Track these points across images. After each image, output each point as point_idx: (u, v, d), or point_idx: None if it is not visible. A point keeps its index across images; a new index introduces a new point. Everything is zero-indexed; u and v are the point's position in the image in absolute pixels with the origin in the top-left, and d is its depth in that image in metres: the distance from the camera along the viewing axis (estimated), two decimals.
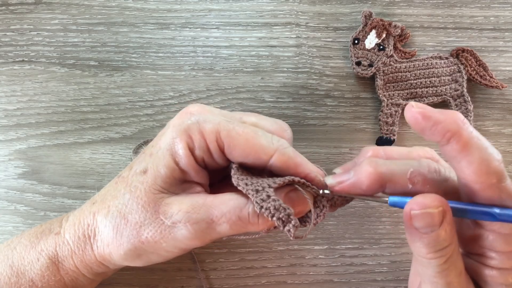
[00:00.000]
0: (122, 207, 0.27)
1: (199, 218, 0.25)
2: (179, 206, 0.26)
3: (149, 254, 0.27)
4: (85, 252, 0.28)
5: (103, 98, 0.40)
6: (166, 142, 0.27)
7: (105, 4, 0.41)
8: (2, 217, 0.39)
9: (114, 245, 0.27)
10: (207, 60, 0.41)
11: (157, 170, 0.26)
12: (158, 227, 0.26)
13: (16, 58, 0.40)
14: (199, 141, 0.26)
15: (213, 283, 0.38)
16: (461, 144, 0.22)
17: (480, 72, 0.40)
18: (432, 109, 0.23)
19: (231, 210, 0.25)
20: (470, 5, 0.42)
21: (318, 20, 0.42)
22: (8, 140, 0.39)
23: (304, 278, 0.39)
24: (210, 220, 0.25)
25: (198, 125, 0.26)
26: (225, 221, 0.25)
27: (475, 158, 0.22)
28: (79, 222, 0.28)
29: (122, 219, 0.26)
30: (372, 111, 0.41)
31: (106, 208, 0.27)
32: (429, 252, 0.23)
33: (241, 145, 0.26)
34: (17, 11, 0.41)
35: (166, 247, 0.26)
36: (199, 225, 0.25)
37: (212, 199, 0.26)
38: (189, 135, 0.26)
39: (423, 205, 0.23)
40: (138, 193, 0.26)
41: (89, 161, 0.39)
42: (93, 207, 0.28)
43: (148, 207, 0.26)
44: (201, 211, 0.26)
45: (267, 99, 0.40)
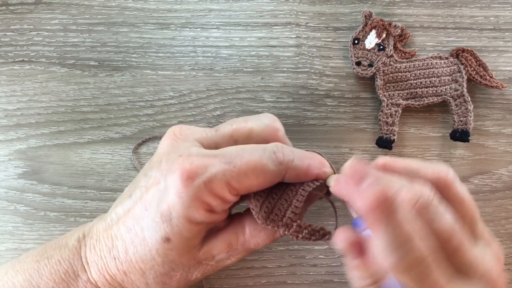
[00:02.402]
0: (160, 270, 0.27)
1: (239, 251, 0.28)
2: (218, 249, 0.28)
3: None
4: None
5: (103, 98, 0.40)
6: (177, 211, 0.25)
7: (105, 4, 0.41)
8: (2, 217, 0.39)
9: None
10: (207, 60, 0.41)
11: (181, 236, 0.26)
12: (205, 268, 0.29)
13: (16, 58, 0.40)
14: (215, 202, 0.26)
15: (213, 283, 0.38)
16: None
17: (480, 72, 0.40)
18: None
19: (265, 239, 0.28)
20: (470, 5, 0.42)
21: (318, 20, 0.42)
22: (8, 140, 0.39)
23: (304, 278, 0.39)
24: (249, 250, 0.29)
25: (207, 188, 0.25)
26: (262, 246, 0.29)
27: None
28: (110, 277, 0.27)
29: (166, 277, 0.27)
30: (372, 111, 0.41)
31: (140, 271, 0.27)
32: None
33: (253, 184, 0.26)
34: (17, 11, 0.41)
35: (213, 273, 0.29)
36: (242, 255, 0.29)
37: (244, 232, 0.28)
38: (203, 201, 0.25)
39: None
40: (172, 258, 0.26)
41: (89, 161, 0.39)
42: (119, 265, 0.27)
43: (188, 263, 0.27)
44: (239, 247, 0.28)
45: (267, 99, 0.40)
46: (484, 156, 0.40)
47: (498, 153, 0.40)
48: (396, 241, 0.21)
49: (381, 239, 0.21)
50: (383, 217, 0.20)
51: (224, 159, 0.26)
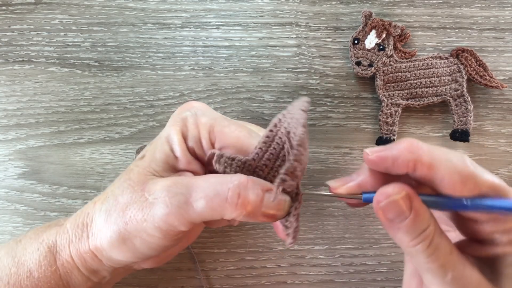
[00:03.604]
0: (116, 190, 0.27)
1: (177, 191, 0.25)
2: (163, 182, 0.26)
3: (133, 238, 0.26)
4: (81, 240, 0.28)
5: (103, 98, 0.40)
6: (165, 130, 0.28)
7: (105, 4, 0.41)
8: (2, 217, 0.39)
9: (103, 229, 0.27)
10: (207, 60, 0.41)
11: (153, 155, 0.27)
12: (141, 204, 0.26)
13: (16, 58, 0.40)
14: (192, 131, 0.27)
15: (213, 283, 0.38)
16: (425, 167, 0.23)
17: (480, 72, 0.40)
18: (386, 149, 0.24)
19: (210, 185, 0.25)
20: (470, 5, 0.42)
21: (318, 20, 0.42)
22: (8, 140, 0.39)
23: (304, 278, 0.39)
24: (188, 194, 0.25)
25: (195, 116, 0.28)
26: (202, 196, 0.25)
27: (444, 174, 0.23)
28: (81, 212, 0.29)
29: (114, 201, 0.27)
30: (372, 111, 0.41)
31: (105, 194, 0.28)
32: (411, 240, 0.24)
33: (231, 143, 0.26)
34: (17, 11, 0.41)
35: (147, 226, 0.25)
36: (177, 199, 0.25)
37: (195, 177, 0.26)
38: (185, 124, 0.28)
39: (387, 194, 0.24)
40: (131, 175, 0.27)
41: (89, 161, 0.39)
42: (96, 197, 0.29)
43: (136, 187, 0.26)
44: (181, 186, 0.25)
45: (267, 99, 0.40)
46: (484, 156, 0.40)
47: (498, 153, 0.40)
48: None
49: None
50: None
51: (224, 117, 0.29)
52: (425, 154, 0.23)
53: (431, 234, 0.24)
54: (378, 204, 0.24)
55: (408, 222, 0.23)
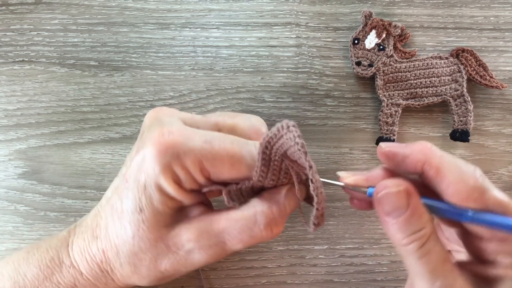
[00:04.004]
0: (130, 247, 0.26)
1: (211, 244, 0.26)
2: (187, 235, 0.26)
3: (170, 277, 0.28)
4: (108, 283, 0.28)
5: (103, 98, 0.40)
6: (151, 179, 0.25)
7: (105, 4, 0.41)
8: (2, 217, 0.39)
9: (135, 278, 0.27)
10: (207, 60, 0.41)
11: (152, 207, 0.26)
12: (174, 257, 0.26)
13: (16, 58, 0.40)
14: (184, 176, 0.25)
15: (213, 283, 0.38)
16: (433, 171, 0.24)
17: (480, 72, 0.40)
18: (400, 146, 0.25)
19: (242, 232, 0.26)
20: (470, 5, 0.42)
21: (318, 20, 0.42)
22: (8, 140, 0.39)
23: (304, 278, 0.39)
24: (223, 244, 0.26)
25: (179, 159, 0.25)
26: (238, 242, 0.26)
27: (451, 180, 0.23)
28: (90, 257, 0.28)
29: (135, 257, 0.26)
30: (372, 111, 0.41)
31: (114, 247, 0.27)
32: (403, 238, 0.24)
33: (226, 171, 0.26)
34: (17, 11, 0.41)
35: (186, 270, 0.27)
36: (214, 250, 0.26)
37: (218, 222, 0.26)
38: (173, 171, 0.25)
39: (385, 185, 0.24)
40: (142, 233, 0.26)
41: (89, 161, 0.39)
42: (98, 243, 0.27)
43: (157, 244, 0.26)
44: (211, 238, 0.26)
45: (267, 99, 0.40)
46: (484, 156, 0.40)
47: (498, 153, 0.40)
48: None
49: None
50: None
51: (204, 138, 0.25)
52: (436, 158, 0.24)
53: (425, 236, 0.24)
54: (376, 195, 0.24)
55: (403, 218, 0.23)
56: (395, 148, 0.25)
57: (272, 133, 0.24)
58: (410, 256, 0.24)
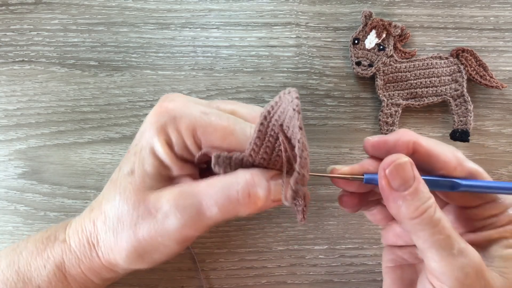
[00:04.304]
0: (115, 210, 0.27)
1: (187, 204, 0.25)
2: (167, 196, 0.26)
3: (150, 253, 0.27)
4: (92, 259, 0.28)
5: (103, 98, 0.40)
6: (146, 141, 0.27)
7: (105, 4, 0.41)
8: (2, 217, 0.39)
9: (116, 249, 0.27)
10: (207, 60, 0.41)
11: (143, 169, 0.27)
12: (151, 221, 0.26)
13: (16, 58, 0.40)
14: (176, 139, 0.26)
15: (213, 283, 0.38)
16: (423, 148, 0.26)
17: (480, 72, 0.40)
18: (385, 135, 0.27)
19: (218, 191, 0.25)
20: (470, 5, 0.42)
21: (318, 20, 0.42)
22: (8, 140, 0.39)
23: (304, 278, 0.39)
24: (199, 204, 0.25)
25: (174, 122, 0.26)
26: (214, 203, 0.25)
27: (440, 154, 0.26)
28: (82, 229, 0.28)
29: (118, 221, 0.27)
30: (372, 111, 0.41)
31: (103, 213, 0.27)
32: (416, 208, 0.24)
33: (217, 142, 0.26)
34: (17, 11, 0.41)
35: (162, 241, 0.26)
36: (189, 211, 0.25)
37: (198, 184, 0.26)
38: (166, 133, 0.26)
39: (392, 159, 0.24)
40: (127, 194, 0.26)
41: (89, 161, 0.39)
42: (92, 214, 0.28)
43: (139, 205, 0.26)
44: (188, 197, 0.25)
45: (267, 99, 0.40)
46: (484, 156, 0.40)
47: (498, 153, 0.40)
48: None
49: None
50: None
51: (203, 109, 0.27)
52: (422, 138, 0.26)
53: (434, 205, 0.24)
54: (384, 171, 0.24)
55: (412, 190, 0.24)
56: (383, 137, 0.27)
57: (273, 101, 0.24)
58: (426, 227, 0.24)
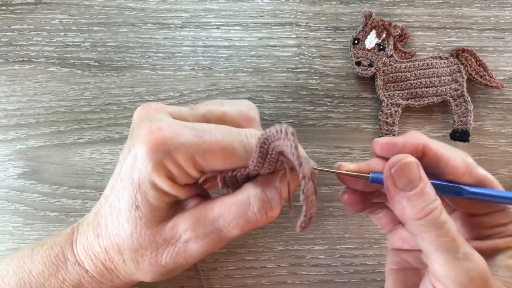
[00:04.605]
0: (131, 244, 0.26)
1: (207, 232, 0.26)
2: (183, 226, 0.26)
3: (173, 272, 0.28)
4: (113, 280, 0.28)
5: (103, 98, 0.40)
6: (144, 177, 0.25)
7: (105, 4, 0.41)
8: (2, 217, 0.39)
9: (139, 274, 0.27)
10: (207, 60, 0.41)
11: (149, 204, 0.26)
12: (173, 250, 0.26)
13: (16, 58, 0.40)
14: (177, 171, 0.25)
15: (213, 283, 0.38)
16: (433, 151, 0.26)
17: (480, 72, 0.40)
18: (394, 137, 0.27)
19: (236, 216, 0.25)
20: (470, 5, 0.42)
21: (318, 20, 0.42)
22: (8, 140, 0.39)
23: (304, 278, 0.39)
24: (219, 231, 0.26)
25: (170, 155, 0.25)
26: (234, 227, 0.26)
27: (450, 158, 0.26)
28: (94, 255, 0.28)
29: (137, 253, 0.27)
30: (372, 111, 0.41)
31: (116, 246, 0.27)
32: (422, 209, 0.24)
33: (219, 165, 0.26)
34: (17, 11, 0.41)
35: (186, 263, 0.27)
36: (210, 238, 0.26)
37: (213, 208, 0.26)
38: (165, 168, 0.25)
39: (398, 158, 0.24)
40: (139, 229, 0.26)
41: (89, 161, 0.39)
42: (100, 241, 0.28)
43: (155, 239, 0.26)
44: (207, 225, 0.26)
45: (267, 99, 0.40)
46: (484, 156, 0.40)
47: (498, 153, 0.40)
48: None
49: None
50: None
51: (195, 131, 0.25)
52: (431, 141, 0.26)
53: (439, 207, 0.24)
54: (390, 170, 0.24)
55: (418, 190, 0.24)
56: (392, 139, 0.26)
57: (270, 132, 0.24)
58: (431, 228, 0.23)
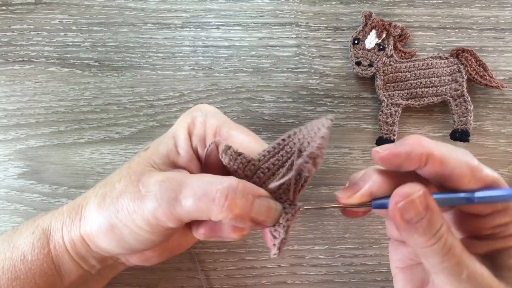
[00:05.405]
0: (115, 176, 0.27)
1: (169, 187, 0.25)
2: (158, 176, 0.26)
3: (121, 227, 0.26)
4: (74, 223, 0.28)
5: (103, 98, 0.40)
6: (173, 127, 0.29)
7: (105, 4, 0.41)
8: (2, 217, 0.39)
9: (95, 214, 0.27)
10: (207, 60, 0.41)
11: (156, 147, 0.28)
12: (134, 195, 0.25)
13: (16, 58, 0.40)
14: (199, 130, 0.28)
15: (213, 283, 0.38)
16: (437, 161, 0.24)
17: (480, 72, 0.40)
18: (396, 146, 0.25)
19: (201, 185, 0.24)
20: (470, 5, 0.42)
21: (318, 20, 0.42)
22: (8, 140, 0.39)
23: (304, 278, 0.39)
24: (178, 191, 0.24)
25: (205, 116, 0.28)
26: (191, 194, 0.24)
27: (454, 166, 0.24)
28: (81, 196, 0.29)
29: (111, 187, 0.27)
30: (372, 111, 0.41)
31: (106, 180, 0.28)
32: (428, 239, 0.23)
33: (236, 144, 0.26)
34: (17, 11, 0.41)
35: (136, 219, 0.25)
36: (167, 195, 0.24)
37: (188, 175, 0.26)
38: (193, 122, 0.28)
39: (405, 194, 0.23)
40: (131, 164, 0.27)
41: (89, 161, 0.39)
42: (99, 182, 0.29)
43: (133, 176, 0.26)
44: (172, 182, 0.25)
45: (267, 99, 0.40)
46: (484, 156, 0.40)
47: (498, 153, 0.40)
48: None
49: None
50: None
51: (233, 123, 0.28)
52: (435, 149, 0.24)
53: (445, 232, 0.24)
54: (396, 205, 0.23)
55: (424, 221, 0.23)
56: (395, 149, 0.24)
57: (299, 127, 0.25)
58: (436, 255, 0.24)
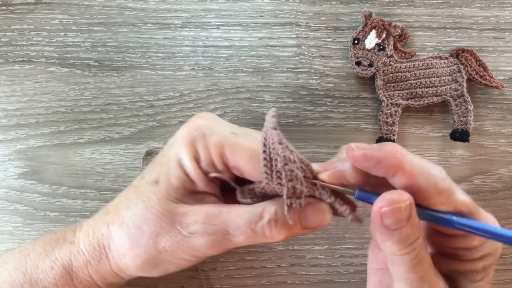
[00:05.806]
0: (136, 218, 0.27)
1: (216, 229, 0.26)
2: (195, 217, 0.26)
3: (166, 263, 0.27)
4: (101, 262, 0.28)
5: (103, 98, 0.40)
6: (174, 153, 0.27)
7: (105, 4, 0.41)
8: (2, 217, 0.39)
9: (130, 256, 0.27)
10: (207, 60, 0.41)
11: (168, 180, 0.27)
12: (175, 236, 0.26)
13: (16, 58, 0.40)
14: (204, 154, 0.27)
15: (213, 283, 0.38)
16: (405, 176, 0.24)
17: (480, 72, 0.40)
18: (371, 148, 0.24)
19: (246, 223, 0.26)
20: (470, 5, 0.42)
21: (318, 20, 0.42)
22: (8, 140, 0.39)
23: (304, 278, 0.39)
24: (226, 232, 0.26)
25: (204, 138, 0.27)
26: (240, 233, 0.26)
27: (421, 186, 0.24)
28: (93, 232, 0.28)
29: (138, 229, 0.27)
30: (372, 111, 0.41)
31: (120, 219, 0.27)
32: (400, 249, 0.23)
33: (243, 162, 0.26)
34: (17, 11, 0.41)
35: (183, 255, 0.27)
36: (216, 237, 0.26)
37: (227, 211, 0.26)
38: (195, 148, 0.27)
39: (392, 201, 0.23)
40: (151, 203, 0.27)
41: (89, 161, 0.39)
42: (106, 218, 0.28)
43: (163, 217, 0.26)
44: (217, 223, 0.26)
45: (267, 99, 0.40)
46: (484, 156, 0.40)
47: (498, 153, 0.40)
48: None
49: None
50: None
51: (233, 129, 0.27)
52: (407, 163, 0.24)
53: (420, 245, 0.24)
54: (380, 209, 0.23)
55: (403, 230, 0.23)
56: (368, 152, 0.24)
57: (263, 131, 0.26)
58: (404, 265, 0.24)
